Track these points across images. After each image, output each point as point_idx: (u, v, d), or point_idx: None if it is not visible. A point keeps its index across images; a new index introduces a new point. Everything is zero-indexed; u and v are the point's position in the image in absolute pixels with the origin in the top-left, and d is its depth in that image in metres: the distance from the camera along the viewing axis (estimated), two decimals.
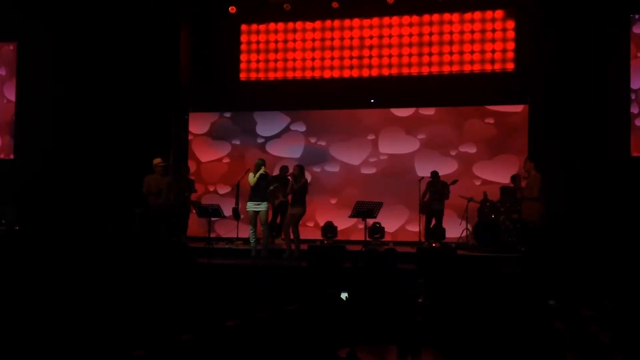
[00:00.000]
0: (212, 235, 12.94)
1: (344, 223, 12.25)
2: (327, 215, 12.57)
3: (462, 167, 12.49)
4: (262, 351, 4.57)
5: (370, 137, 13.01)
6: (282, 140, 13.40)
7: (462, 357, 4.67)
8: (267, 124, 13.48)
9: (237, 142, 13.53)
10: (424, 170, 12.01)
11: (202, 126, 13.70)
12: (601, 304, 4.95)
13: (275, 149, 13.37)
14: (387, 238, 12.25)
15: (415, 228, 11.88)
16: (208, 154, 13.65)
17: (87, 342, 4.49)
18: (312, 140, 13.27)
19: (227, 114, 13.68)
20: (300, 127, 13.35)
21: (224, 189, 13.29)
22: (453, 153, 12.61)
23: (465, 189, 11.87)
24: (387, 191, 12.38)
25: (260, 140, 13.46)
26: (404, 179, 12.31)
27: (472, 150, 12.56)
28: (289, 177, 11.31)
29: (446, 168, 12.36)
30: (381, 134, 12.97)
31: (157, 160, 10.92)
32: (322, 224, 12.48)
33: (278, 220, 12.09)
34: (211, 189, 13.54)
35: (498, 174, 12.15)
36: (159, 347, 3.74)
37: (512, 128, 12.37)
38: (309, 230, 12.30)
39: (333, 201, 12.96)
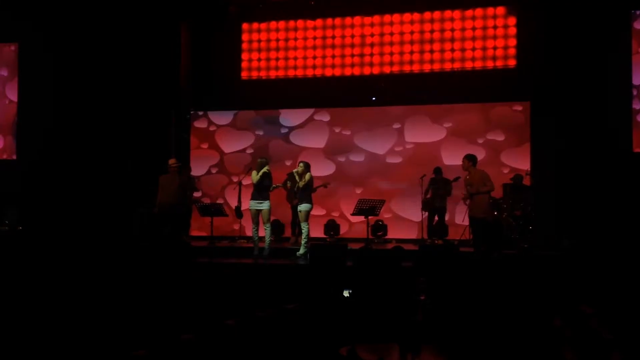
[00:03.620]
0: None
1: (357, 217, 11.85)
2: (353, 205, 12.39)
3: (489, 155, 12.20)
4: (263, 350, 4.57)
5: (396, 126, 12.87)
6: (306, 130, 13.29)
7: (464, 356, 4.66)
8: (291, 114, 13.40)
9: (261, 133, 13.46)
10: (451, 159, 11.96)
11: (225, 117, 13.64)
12: (601, 302, 4.94)
13: (299, 139, 13.29)
14: (411, 228, 12.31)
15: None
16: (232, 145, 13.58)
17: (88, 342, 4.50)
18: (337, 130, 13.16)
19: None
20: (324, 117, 13.25)
21: (247, 180, 13.04)
22: (480, 141, 12.38)
23: (493, 177, 11.68)
24: (413, 180, 12.16)
25: (284, 131, 13.38)
26: (430, 168, 11.81)
27: (500, 137, 12.38)
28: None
29: None
30: (407, 123, 12.85)
31: (172, 161, 10.89)
32: (347, 214, 12.33)
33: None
34: (235, 179, 13.39)
35: (527, 161, 11.89)
36: (160, 347, 3.74)
37: None
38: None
39: (358, 191, 12.76)
